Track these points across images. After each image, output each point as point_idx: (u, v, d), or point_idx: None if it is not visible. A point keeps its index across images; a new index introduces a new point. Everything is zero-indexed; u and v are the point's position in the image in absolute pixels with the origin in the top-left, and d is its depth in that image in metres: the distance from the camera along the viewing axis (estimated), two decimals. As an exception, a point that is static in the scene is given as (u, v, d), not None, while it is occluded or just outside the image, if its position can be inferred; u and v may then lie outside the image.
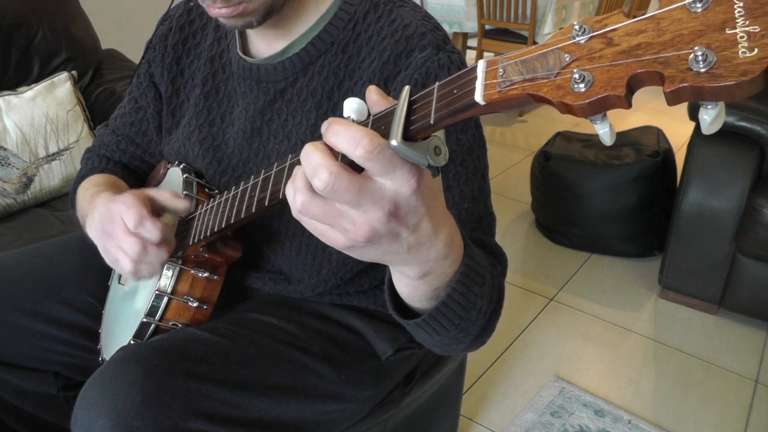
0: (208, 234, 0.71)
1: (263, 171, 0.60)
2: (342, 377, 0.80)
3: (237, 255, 0.80)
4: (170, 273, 0.77)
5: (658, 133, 2.25)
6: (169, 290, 0.76)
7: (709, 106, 0.31)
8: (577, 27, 0.35)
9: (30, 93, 1.55)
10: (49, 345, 0.89)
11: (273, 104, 0.80)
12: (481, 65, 0.39)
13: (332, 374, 0.79)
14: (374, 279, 0.85)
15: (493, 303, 0.65)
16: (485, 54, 3.66)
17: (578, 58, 0.34)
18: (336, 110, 0.76)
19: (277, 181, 0.57)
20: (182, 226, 0.80)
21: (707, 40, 0.30)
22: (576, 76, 0.34)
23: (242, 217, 0.64)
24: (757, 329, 1.81)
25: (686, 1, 0.32)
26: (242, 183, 0.65)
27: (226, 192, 0.70)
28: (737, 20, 0.30)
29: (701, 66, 0.30)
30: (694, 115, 1.67)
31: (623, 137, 2.25)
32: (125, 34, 2.32)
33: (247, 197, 0.63)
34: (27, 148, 1.52)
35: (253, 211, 0.61)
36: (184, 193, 0.81)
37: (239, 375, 0.71)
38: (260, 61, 0.80)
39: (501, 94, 0.37)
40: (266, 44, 0.81)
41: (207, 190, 0.84)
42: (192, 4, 0.91)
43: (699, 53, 0.30)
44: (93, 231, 0.79)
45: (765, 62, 0.28)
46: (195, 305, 0.78)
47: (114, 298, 0.91)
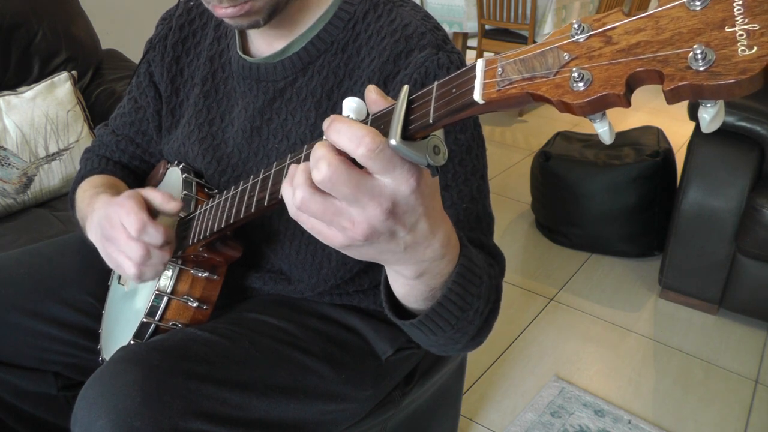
0: (208, 234, 0.71)
1: (262, 171, 0.60)
2: (342, 377, 0.80)
3: (237, 255, 0.80)
4: (170, 273, 0.77)
5: (658, 133, 2.25)
6: (169, 290, 0.76)
7: (709, 105, 0.31)
8: (576, 26, 0.35)
9: (30, 93, 1.55)
10: (49, 345, 0.89)
11: (272, 104, 0.80)
12: (480, 64, 0.39)
13: (332, 374, 0.79)
14: (374, 279, 0.85)
15: (490, 303, 0.65)
16: (485, 54, 3.66)
17: (577, 57, 0.34)
18: (335, 110, 0.76)
19: (277, 181, 0.57)
20: (182, 226, 0.80)
21: (706, 39, 0.30)
22: (575, 75, 0.34)
23: (242, 217, 0.64)
24: (757, 329, 1.81)
25: (685, 0, 0.32)
26: (242, 183, 0.65)
27: (226, 192, 0.70)
28: (736, 18, 0.30)
29: (700, 64, 0.30)
30: (694, 115, 1.67)
31: (623, 137, 2.25)
32: (125, 34, 2.32)
33: (247, 197, 0.63)
34: (27, 148, 1.52)
35: (253, 211, 0.61)
36: (184, 193, 0.81)
37: (239, 375, 0.71)
38: (260, 61, 0.80)
39: (500, 93, 0.37)
40: (267, 44, 0.81)
41: (206, 190, 0.84)
42: (192, 4, 0.91)
43: (698, 51, 0.30)
44: (93, 234, 0.79)
45: (764, 60, 0.28)
46: (195, 305, 0.78)
47: (114, 298, 0.91)
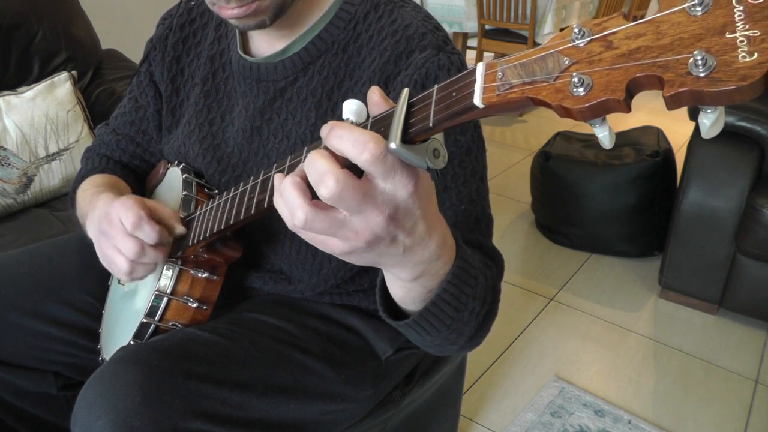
0: (208, 235, 0.71)
1: (262, 172, 0.60)
2: (342, 377, 0.80)
3: (237, 255, 0.80)
4: (170, 273, 0.77)
5: (658, 133, 2.25)
6: (169, 290, 0.76)
7: (709, 110, 0.31)
8: (577, 30, 0.35)
9: (30, 93, 1.55)
10: (49, 345, 0.89)
11: (273, 103, 0.80)
12: (480, 68, 0.39)
13: (332, 374, 0.79)
14: (374, 278, 0.85)
15: (487, 305, 0.65)
16: (485, 54, 3.66)
17: (577, 62, 0.34)
18: (335, 110, 0.76)
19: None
20: (182, 227, 0.80)
21: (707, 44, 0.30)
22: (575, 80, 0.33)
23: (241, 219, 0.64)
24: (757, 329, 1.81)
25: (686, 5, 0.31)
26: (241, 184, 0.65)
27: (226, 193, 0.70)
28: (737, 24, 0.30)
29: (701, 70, 0.30)
30: (694, 115, 1.67)
31: (623, 137, 2.25)
32: (125, 34, 2.32)
33: (246, 199, 0.63)
34: (27, 148, 1.52)
35: (252, 213, 0.61)
36: (184, 193, 0.81)
37: (239, 375, 0.71)
38: (260, 61, 0.80)
39: (500, 98, 0.37)
40: (267, 44, 0.81)
41: (206, 190, 0.84)
42: (193, 4, 0.91)
43: (698, 57, 0.30)
44: (91, 231, 0.79)
45: (765, 67, 0.28)
46: (195, 305, 0.78)
47: (114, 298, 0.91)
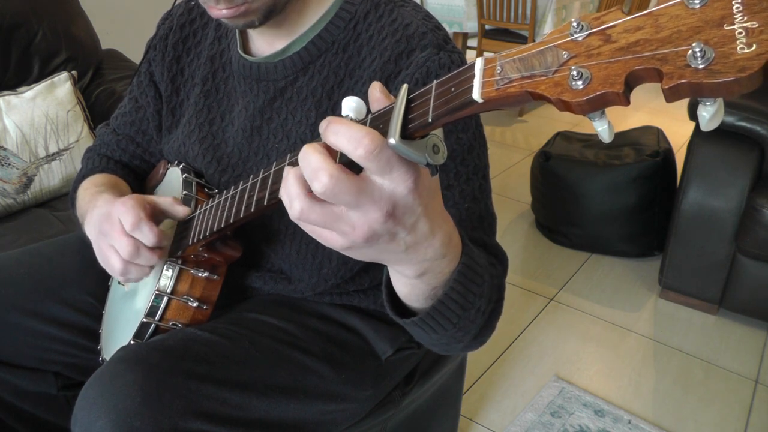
0: (208, 234, 0.71)
1: (262, 170, 0.60)
2: (342, 377, 0.80)
3: (237, 254, 0.80)
4: (170, 273, 0.77)
5: (658, 133, 2.25)
6: (169, 290, 0.76)
7: (708, 103, 0.31)
8: (575, 24, 0.35)
9: (30, 93, 1.55)
10: (49, 345, 0.89)
11: (273, 103, 0.80)
12: (479, 63, 0.39)
13: (332, 374, 0.79)
14: (374, 278, 0.85)
15: (493, 302, 0.65)
16: (485, 54, 3.66)
17: (576, 55, 0.34)
18: (336, 109, 0.76)
19: (277, 181, 0.56)
20: (182, 226, 0.80)
21: (705, 37, 0.30)
22: (574, 74, 0.33)
23: (242, 217, 0.64)
24: (757, 329, 1.81)
25: (684, -2, 0.32)
26: (241, 183, 0.65)
27: (226, 192, 0.70)
28: (735, 16, 0.30)
29: (699, 62, 0.30)
30: (694, 115, 1.67)
31: (623, 137, 2.25)
32: (125, 34, 2.32)
33: (247, 197, 0.63)
34: (27, 148, 1.52)
35: (253, 211, 0.61)
36: (184, 193, 0.81)
37: (239, 375, 0.71)
38: (260, 60, 0.80)
39: (499, 92, 0.37)
40: (267, 43, 0.81)
41: (206, 190, 0.84)
42: (193, 4, 0.91)
43: (697, 49, 0.30)
44: (90, 230, 0.79)
45: (763, 58, 0.28)
46: (195, 305, 0.78)
47: (114, 298, 0.91)
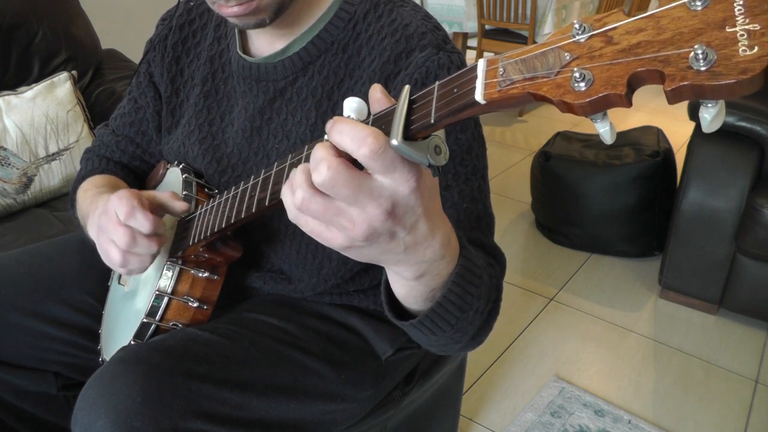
0: (208, 234, 0.71)
1: (263, 171, 0.60)
2: (342, 377, 0.80)
3: (237, 255, 0.80)
4: (170, 273, 0.77)
5: (658, 133, 2.25)
6: (170, 290, 0.76)
7: (710, 105, 0.31)
8: (577, 26, 0.35)
9: (30, 93, 1.55)
10: (49, 345, 0.89)
11: (272, 103, 0.80)
12: (482, 64, 0.39)
13: (332, 374, 0.79)
14: (374, 278, 0.85)
15: (491, 303, 0.65)
16: (485, 54, 3.66)
17: (578, 57, 0.34)
18: (336, 109, 0.76)
19: (278, 181, 0.57)
20: (182, 226, 0.80)
21: (707, 39, 0.30)
22: (576, 75, 0.34)
23: (242, 217, 0.64)
24: (757, 329, 1.81)
25: (686, 0, 0.32)
26: (242, 183, 0.65)
27: (226, 192, 0.70)
28: (737, 18, 0.30)
29: (701, 64, 0.30)
30: (695, 115, 1.67)
31: (623, 137, 2.25)
32: (125, 34, 2.32)
33: (247, 197, 0.63)
34: (27, 148, 1.52)
35: (253, 211, 0.61)
36: (184, 193, 0.81)
37: (239, 375, 0.71)
38: (260, 61, 0.80)
39: (501, 93, 0.37)
40: (267, 44, 0.81)
41: (206, 190, 0.84)
42: (192, 4, 0.91)
43: (699, 51, 0.30)
44: (92, 230, 0.79)
45: (765, 60, 0.28)
46: (195, 305, 0.78)
47: (114, 299, 0.91)
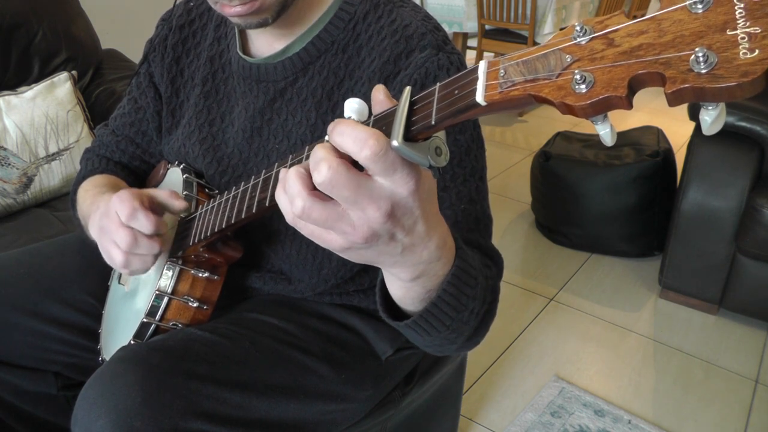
0: (209, 234, 0.71)
1: (264, 171, 0.60)
2: (342, 377, 0.80)
3: (237, 255, 0.80)
4: (170, 273, 0.77)
5: (658, 133, 2.25)
6: (170, 290, 0.76)
7: (710, 107, 0.31)
8: (579, 28, 0.35)
9: (30, 93, 1.55)
10: (49, 345, 0.89)
11: (273, 104, 0.80)
12: (483, 66, 0.39)
13: (332, 374, 0.79)
14: (374, 278, 0.85)
15: (486, 304, 0.65)
16: (485, 54, 3.67)
17: (579, 59, 0.34)
18: (336, 110, 0.76)
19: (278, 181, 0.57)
20: (182, 227, 0.80)
21: (708, 41, 0.30)
22: (577, 77, 0.34)
23: (243, 218, 0.64)
24: (757, 329, 1.81)
25: (687, 2, 0.32)
26: (243, 183, 0.65)
27: (227, 192, 0.70)
28: (738, 21, 0.30)
29: (702, 67, 0.30)
30: (695, 115, 1.67)
31: (623, 137, 2.25)
32: (125, 34, 2.32)
33: (248, 198, 0.63)
34: (27, 148, 1.52)
35: (254, 212, 0.61)
36: (184, 194, 0.81)
37: (239, 375, 0.71)
38: (260, 61, 0.80)
39: (502, 95, 0.37)
40: (267, 44, 0.81)
41: (207, 191, 0.84)
42: (192, 5, 0.91)
43: (700, 54, 0.30)
44: (94, 230, 0.79)
45: (766, 63, 0.28)
46: (195, 305, 0.78)
47: (114, 298, 0.91)
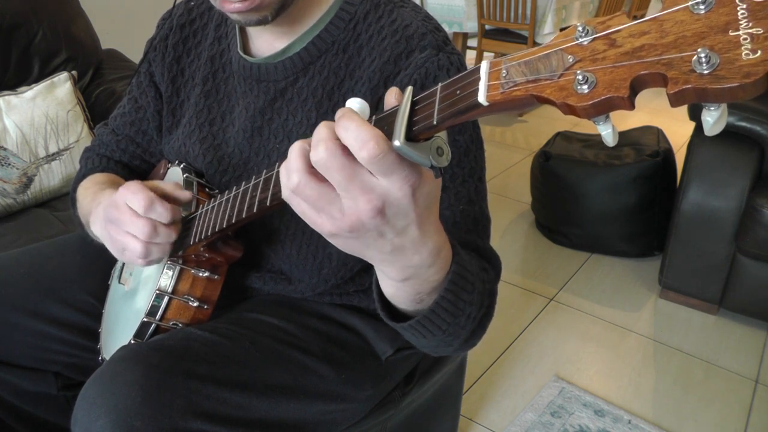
0: (209, 234, 0.71)
1: (264, 171, 0.60)
2: (342, 377, 0.80)
3: (238, 255, 0.80)
4: (171, 272, 0.77)
5: (658, 133, 2.25)
6: (170, 290, 0.76)
7: (712, 108, 0.31)
8: (580, 28, 0.35)
9: (30, 93, 1.55)
10: (49, 345, 0.89)
11: (273, 103, 0.80)
12: (485, 66, 0.39)
13: (332, 374, 0.79)
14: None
15: (484, 308, 0.65)
16: (485, 54, 3.66)
17: (581, 60, 0.34)
18: (336, 110, 0.76)
19: (279, 182, 0.56)
20: (183, 226, 0.79)
21: (710, 42, 0.30)
22: (579, 78, 0.34)
23: (243, 217, 0.64)
24: (757, 329, 1.81)
25: (689, 3, 0.32)
26: (243, 183, 0.65)
27: (227, 192, 0.70)
28: (740, 22, 0.30)
29: (704, 68, 0.30)
30: (695, 115, 1.67)
31: (623, 137, 2.25)
32: (125, 34, 2.32)
33: (249, 197, 0.63)
34: (27, 148, 1.52)
35: (255, 211, 0.61)
36: (185, 193, 0.81)
37: (239, 375, 0.71)
38: (261, 61, 0.80)
39: (504, 95, 0.37)
40: (267, 44, 0.81)
41: (207, 190, 0.84)
42: (192, 4, 0.91)
43: (702, 55, 0.30)
44: (98, 225, 0.79)
45: (768, 64, 0.28)
46: (195, 305, 0.78)
47: (114, 298, 0.91)
